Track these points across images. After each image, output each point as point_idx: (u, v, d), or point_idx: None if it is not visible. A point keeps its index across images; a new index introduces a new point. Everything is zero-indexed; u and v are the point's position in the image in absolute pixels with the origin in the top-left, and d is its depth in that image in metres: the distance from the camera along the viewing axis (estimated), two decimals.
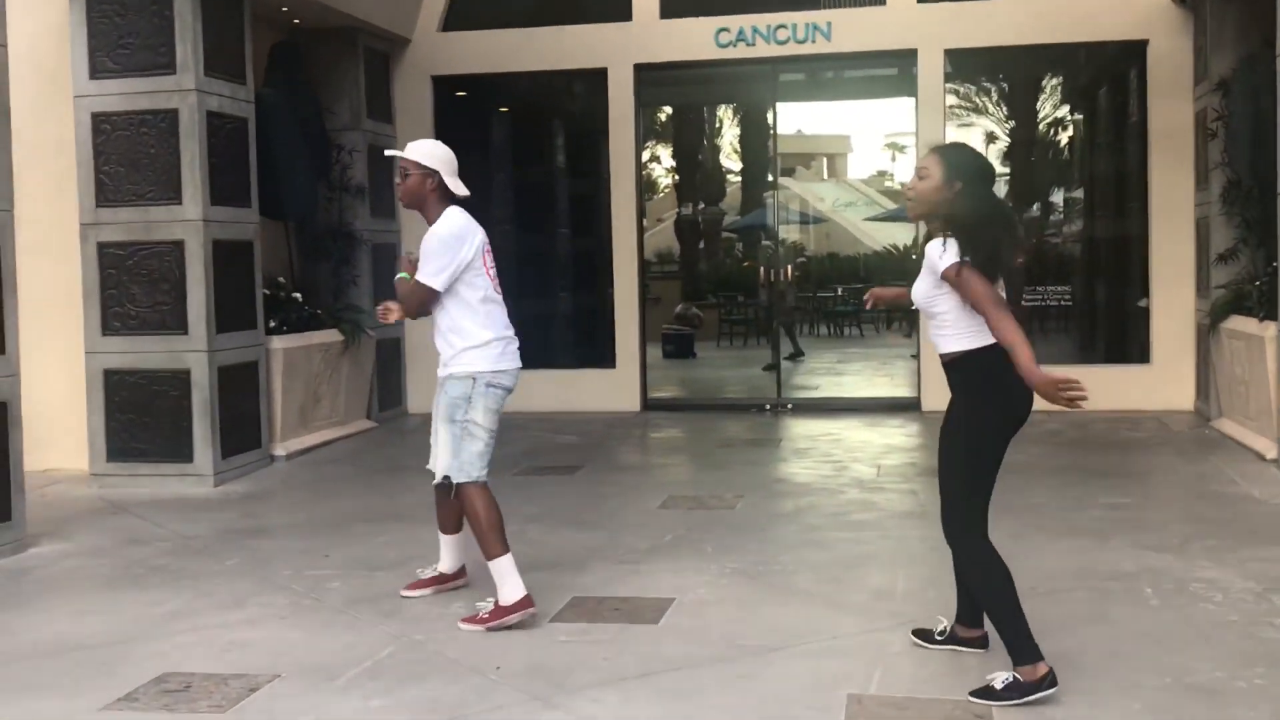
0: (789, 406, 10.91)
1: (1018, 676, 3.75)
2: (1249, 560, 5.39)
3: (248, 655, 4.43)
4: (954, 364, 3.89)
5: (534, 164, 12.14)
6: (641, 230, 11.00)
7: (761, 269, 11.72)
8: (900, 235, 25.95)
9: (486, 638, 4.55)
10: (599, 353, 11.16)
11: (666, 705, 3.87)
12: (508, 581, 4.64)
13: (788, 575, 5.38)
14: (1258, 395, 7.98)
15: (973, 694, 3.79)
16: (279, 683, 4.13)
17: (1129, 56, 10.27)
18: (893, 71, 11.71)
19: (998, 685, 3.76)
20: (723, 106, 22.26)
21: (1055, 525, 6.19)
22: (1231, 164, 8.67)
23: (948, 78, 10.44)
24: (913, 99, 10.39)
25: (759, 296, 14.80)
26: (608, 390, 10.83)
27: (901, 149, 36.80)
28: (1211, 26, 9.20)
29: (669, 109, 20.09)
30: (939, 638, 4.27)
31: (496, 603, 4.66)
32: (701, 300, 19.58)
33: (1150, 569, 5.31)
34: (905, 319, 19.81)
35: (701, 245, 24.70)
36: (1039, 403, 3.77)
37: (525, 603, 4.63)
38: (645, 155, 11.42)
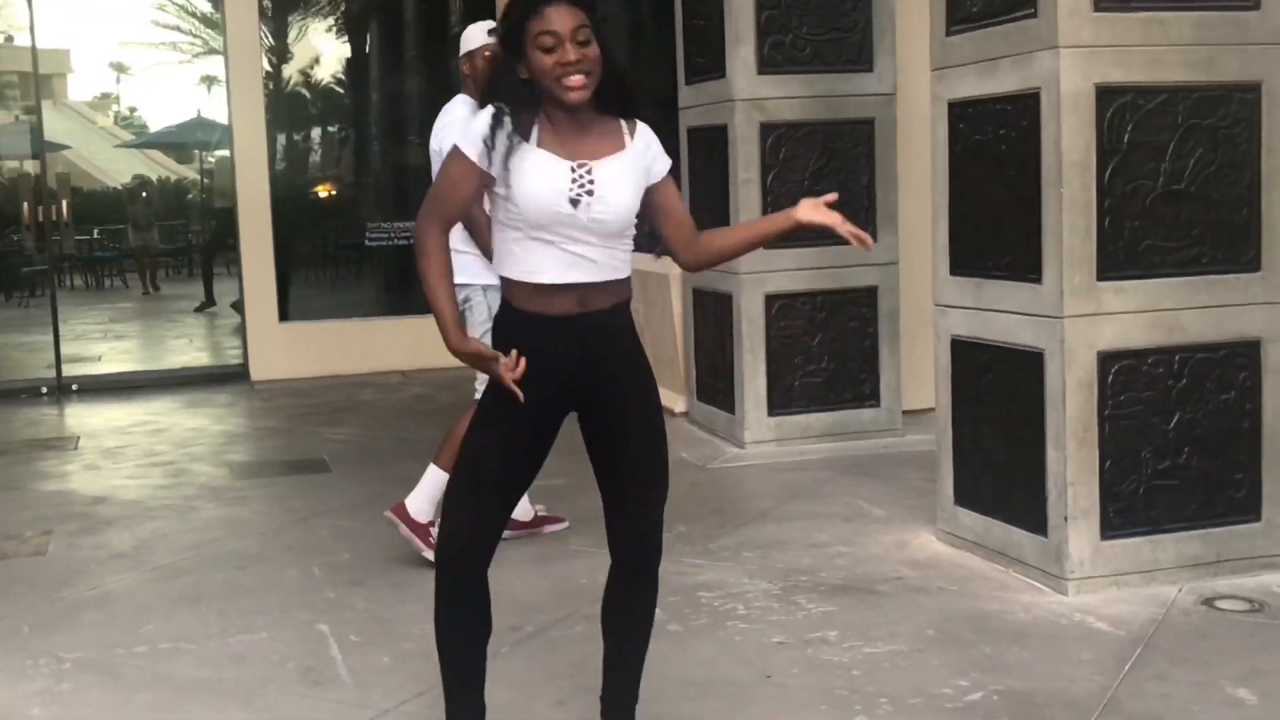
0: (74, 388, 8.99)
1: None
2: (740, 550, 4.83)
3: None
4: (627, 301, 2.97)
5: None
6: None
7: (26, 205, 9.58)
8: (146, 169, 23.87)
9: None
10: None
11: None
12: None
13: (163, 660, 3.92)
14: (657, 342, 7.65)
15: None
16: None
17: None
18: None
19: None
20: None
21: None
22: None
23: None
24: None
25: (18, 242, 12.40)
26: None
27: (126, 69, 34.16)
28: None
29: None
30: None
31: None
32: None
33: None
34: (186, 265, 18.09)
35: None
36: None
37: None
38: None
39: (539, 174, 2.78)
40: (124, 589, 4.62)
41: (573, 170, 2.80)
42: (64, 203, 9.91)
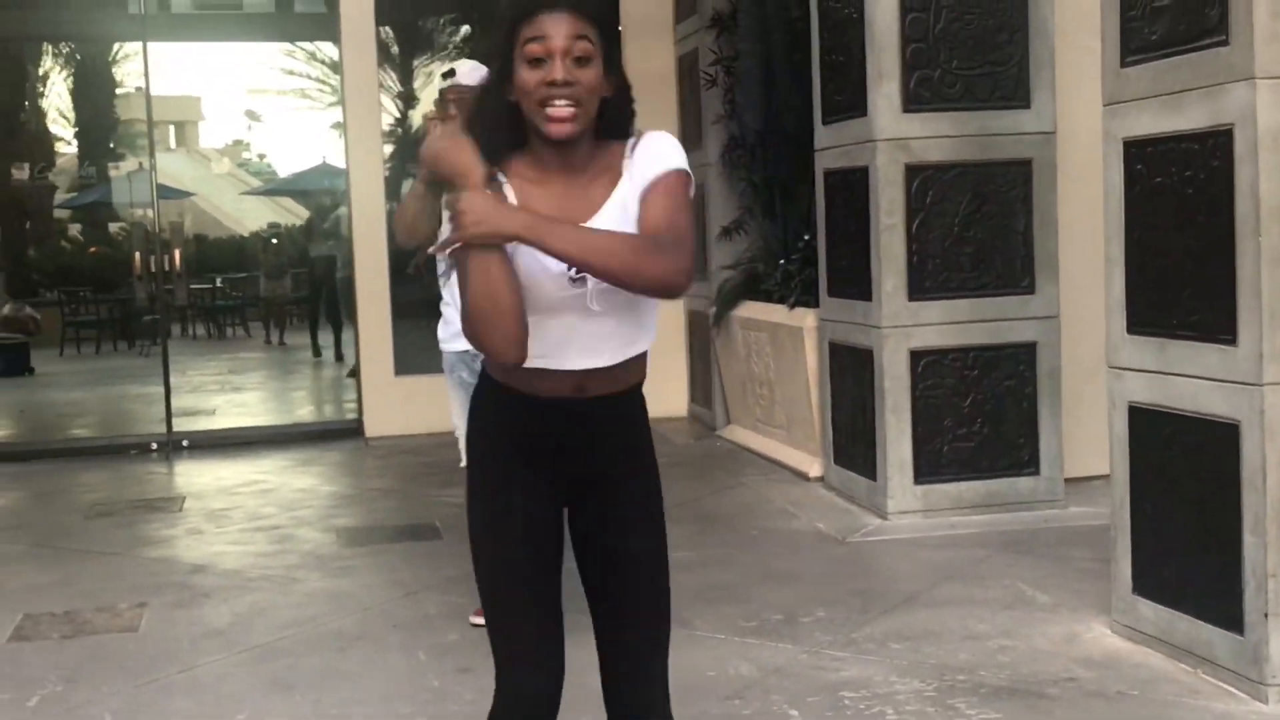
0: (184, 444, 8.91)
1: None
2: (886, 640, 4.43)
3: None
4: (639, 384, 2.47)
5: None
6: None
7: (138, 255, 9.60)
8: (275, 215, 24.26)
9: None
10: None
11: None
12: None
13: None
14: (788, 399, 7.29)
15: None
16: None
17: None
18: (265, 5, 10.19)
19: None
20: (62, 44, 19.39)
21: None
22: (739, 116, 7.93)
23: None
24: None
25: (133, 291, 12.57)
26: None
27: (258, 117, 35.01)
28: None
29: None
30: None
31: None
32: (34, 298, 16.89)
33: (775, 670, 4.19)
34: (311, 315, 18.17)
35: (28, 226, 21.65)
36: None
37: None
38: None
39: (530, 255, 2.24)
40: (216, 673, 4.38)
41: None
42: (176, 252, 9.92)
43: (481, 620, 3.97)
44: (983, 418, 6.09)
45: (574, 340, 2.33)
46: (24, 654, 4.65)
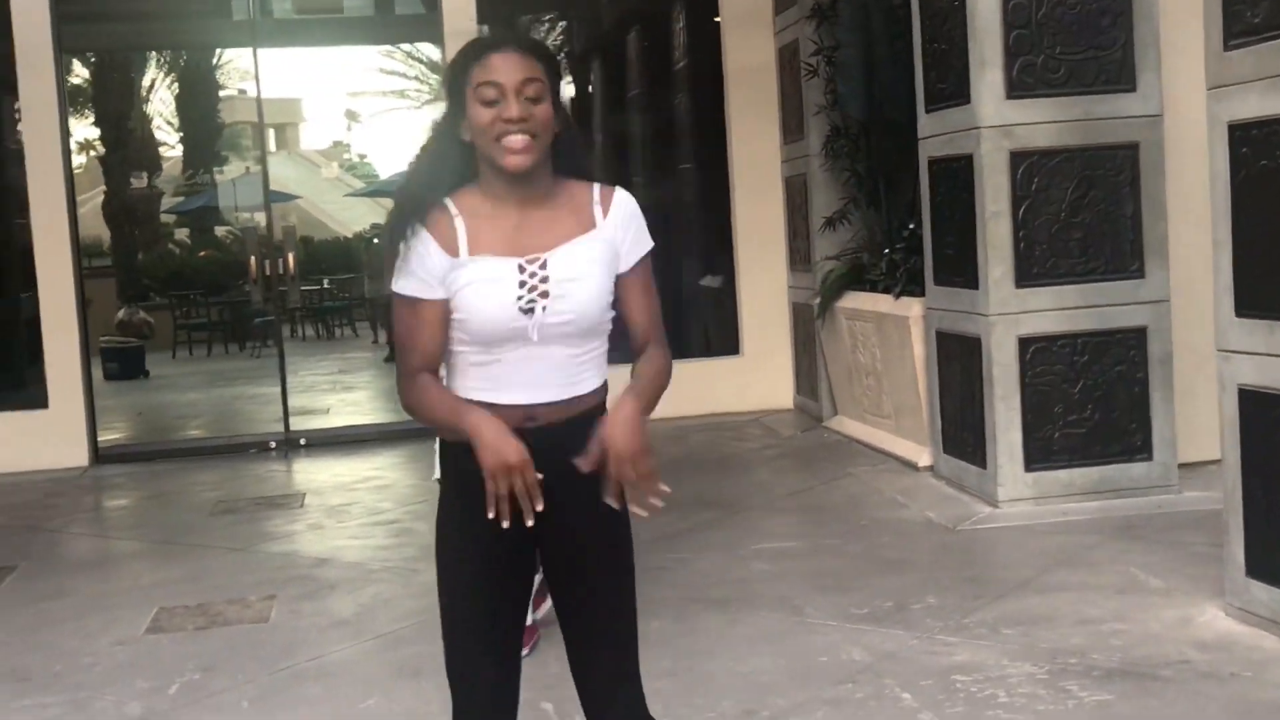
0: (302, 443, 9.24)
1: None
2: (998, 625, 4.53)
3: None
4: (596, 410, 2.55)
5: None
6: (75, 214, 8.92)
7: (253, 259, 9.95)
8: (377, 216, 24.69)
9: None
10: (18, 387, 8.99)
11: None
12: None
13: None
14: (895, 388, 7.38)
15: None
16: None
17: None
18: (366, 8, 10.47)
19: None
20: (171, 55, 19.95)
21: (720, 590, 5.11)
22: (842, 106, 8.02)
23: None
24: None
25: (245, 293, 12.95)
26: (37, 440, 8.65)
27: (358, 118, 35.57)
28: None
29: (91, 55, 17.62)
30: None
31: None
32: (146, 301, 17.42)
33: (887, 655, 4.31)
34: None
35: (137, 232, 22.29)
36: None
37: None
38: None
39: (480, 292, 2.42)
40: (345, 660, 4.62)
41: (521, 270, 2.42)
42: (290, 255, 10.24)
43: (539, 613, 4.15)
44: (1093, 404, 6.14)
45: (520, 374, 2.45)
46: (161, 645, 4.93)
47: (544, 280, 2.42)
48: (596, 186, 2.53)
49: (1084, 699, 3.85)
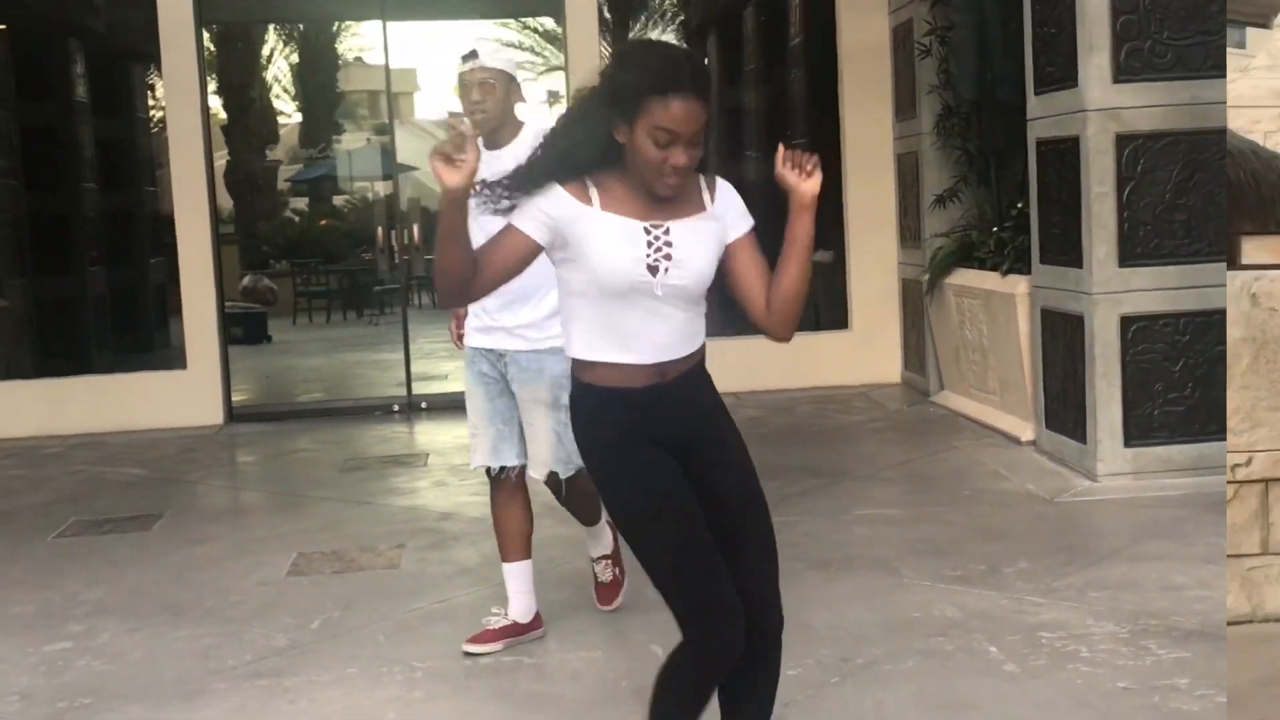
0: (423, 406, 9.76)
1: None
2: (1086, 589, 4.84)
3: None
4: (703, 362, 2.98)
5: (43, 98, 10.26)
6: (213, 183, 9.48)
7: (380, 229, 10.47)
8: None
9: None
10: (159, 348, 9.60)
11: None
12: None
13: (506, 674, 4.30)
14: (1001, 365, 7.66)
15: None
16: None
17: None
18: None
19: None
20: (290, 26, 20.57)
21: (821, 552, 5.46)
22: (954, 86, 8.28)
23: None
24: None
25: (366, 262, 13.55)
26: (176, 399, 9.25)
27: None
28: None
29: (219, 28, 18.29)
30: None
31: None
32: (267, 269, 18.10)
33: (978, 613, 4.64)
34: None
35: (256, 201, 23.03)
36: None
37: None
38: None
39: (610, 239, 2.76)
40: (470, 603, 5.06)
41: (647, 232, 2.78)
42: (415, 226, 10.72)
43: (476, 649, 4.43)
44: (1194, 382, 6.37)
45: (648, 336, 2.80)
46: (301, 586, 5.42)
47: (668, 244, 2.79)
48: (702, 176, 2.89)
49: (1162, 656, 4.15)
